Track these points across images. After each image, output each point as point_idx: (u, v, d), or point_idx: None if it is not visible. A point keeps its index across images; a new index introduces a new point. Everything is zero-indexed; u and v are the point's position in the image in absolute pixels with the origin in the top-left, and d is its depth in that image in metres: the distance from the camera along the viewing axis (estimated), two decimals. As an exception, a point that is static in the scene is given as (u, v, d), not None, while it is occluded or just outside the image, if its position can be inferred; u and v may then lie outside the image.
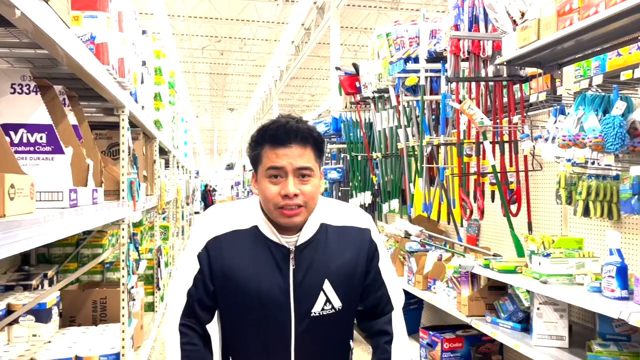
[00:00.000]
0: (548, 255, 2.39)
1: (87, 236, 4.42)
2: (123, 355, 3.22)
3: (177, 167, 8.75)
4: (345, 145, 5.73)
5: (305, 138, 1.32)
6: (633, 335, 2.29)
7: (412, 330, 3.99)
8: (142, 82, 3.88)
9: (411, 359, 1.43)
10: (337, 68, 5.66)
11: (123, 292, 3.23)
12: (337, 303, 1.37)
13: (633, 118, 2.29)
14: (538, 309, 2.47)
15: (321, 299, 1.35)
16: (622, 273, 2.05)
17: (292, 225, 1.34)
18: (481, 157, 3.25)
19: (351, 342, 1.46)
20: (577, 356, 2.32)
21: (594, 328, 2.48)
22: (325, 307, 1.35)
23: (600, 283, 2.15)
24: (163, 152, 6.48)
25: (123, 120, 3.11)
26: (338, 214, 1.43)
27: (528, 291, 2.64)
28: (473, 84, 3.34)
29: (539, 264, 2.40)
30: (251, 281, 1.33)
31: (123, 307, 3.22)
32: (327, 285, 1.35)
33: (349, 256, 1.39)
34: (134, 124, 3.90)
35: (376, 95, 4.71)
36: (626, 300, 2.02)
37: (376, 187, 5.11)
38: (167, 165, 7.76)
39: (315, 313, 1.35)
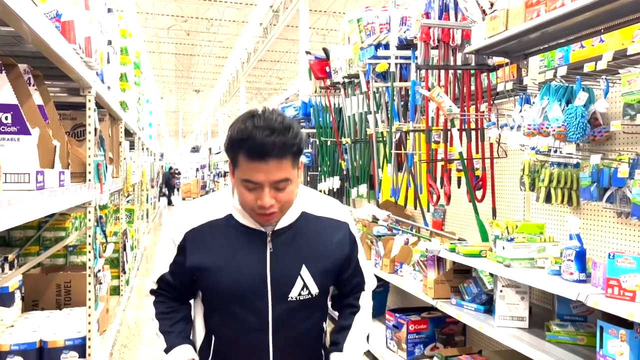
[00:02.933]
0: (511, 239, 2.48)
1: (50, 219, 4.31)
2: (89, 339, 3.19)
3: (143, 149, 8.59)
4: (314, 130, 5.74)
5: (282, 151, 1.25)
6: (589, 316, 2.41)
7: (379, 312, 4.08)
8: (108, 62, 3.79)
9: (369, 333, 1.49)
10: (308, 52, 5.64)
11: (89, 275, 3.19)
12: (314, 289, 1.39)
13: (594, 109, 2.39)
14: (501, 291, 2.56)
15: (298, 284, 1.37)
16: (581, 257, 2.14)
17: (269, 224, 1.37)
18: (449, 144, 3.32)
19: (324, 324, 1.50)
20: (537, 336, 2.42)
21: (553, 309, 2.59)
22: (303, 293, 1.38)
23: (560, 266, 2.24)
24: (128, 134, 6.36)
25: (90, 101, 3.05)
26: (319, 204, 1.45)
27: (491, 274, 2.73)
28: (442, 72, 3.39)
29: (503, 248, 2.48)
30: (229, 269, 1.35)
31: (89, 291, 3.18)
32: (304, 271, 1.37)
33: (327, 245, 1.42)
34: (99, 105, 3.81)
35: (346, 80, 4.72)
36: (584, 282, 2.12)
37: (345, 172, 5.15)
38: (132, 147, 7.61)
39: (292, 298, 1.37)
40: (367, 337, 1.50)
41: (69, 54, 2.35)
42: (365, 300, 1.52)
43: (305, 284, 1.37)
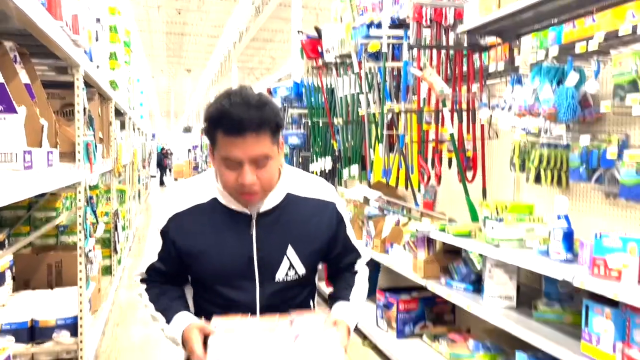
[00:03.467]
0: (501, 220, 2.50)
1: (40, 199, 4.29)
2: (81, 318, 3.19)
3: (133, 129, 8.52)
4: (306, 111, 5.71)
5: (259, 126, 1.24)
6: (576, 294, 2.44)
7: (369, 292, 4.10)
8: (96, 40, 3.73)
9: (366, 291, 1.52)
10: (299, 32, 5.58)
11: (80, 255, 3.18)
12: (301, 270, 1.39)
13: (585, 90, 2.39)
14: (490, 271, 2.59)
15: (285, 265, 1.37)
16: (569, 237, 2.17)
17: (252, 204, 1.36)
18: (440, 124, 3.32)
19: (313, 302, 1.51)
20: (524, 315, 2.46)
21: (541, 289, 2.62)
22: (289, 273, 1.37)
23: (548, 247, 2.27)
24: (119, 113, 6.29)
25: (78, 79, 3.00)
26: (304, 185, 1.43)
27: (481, 255, 2.76)
28: (434, 52, 3.37)
29: (492, 228, 2.50)
30: (215, 252, 1.34)
31: (80, 271, 3.18)
32: (290, 252, 1.37)
33: (313, 226, 1.41)
34: (88, 84, 3.76)
35: (338, 60, 4.69)
36: (571, 262, 2.15)
37: (337, 153, 5.14)
38: (122, 127, 7.55)
39: (279, 279, 1.37)
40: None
41: (56, 31, 2.31)
42: (362, 266, 1.54)
43: (291, 265, 1.37)
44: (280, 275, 1.37)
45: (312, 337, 1.22)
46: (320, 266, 1.51)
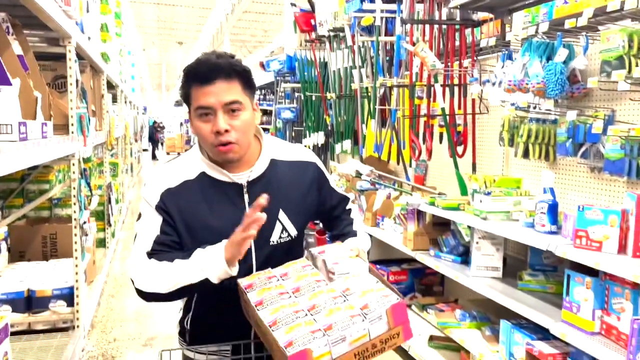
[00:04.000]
0: (489, 193, 2.55)
1: (32, 171, 4.30)
2: (77, 289, 3.25)
3: (125, 102, 8.47)
4: (299, 85, 5.70)
5: (228, 73, 1.33)
6: (559, 266, 2.52)
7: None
8: (87, 11, 3.70)
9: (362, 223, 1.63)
10: (293, 4, 5.54)
11: (75, 227, 3.22)
12: (293, 231, 1.46)
13: (573, 65, 2.42)
14: (477, 243, 2.65)
15: (278, 228, 1.43)
16: (553, 210, 2.23)
17: (230, 161, 1.39)
18: (432, 99, 3.34)
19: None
20: (510, 285, 2.54)
21: (526, 260, 2.70)
22: (282, 236, 1.44)
23: (533, 219, 2.33)
24: (110, 86, 6.26)
25: (70, 51, 3.00)
26: (285, 150, 1.51)
27: (469, 227, 2.82)
28: (427, 27, 3.38)
29: (480, 201, 2.56)
30: (211, 225, 1.38)
31: (76, 242, 3.22)
32: (282, 215, 1.44)
33: (300, 187, 1.49)
34: (80, 56, 3.74)
35: (331, 34, 4.67)
36: (555, 234, 2.21)
37: (329, 128, 5.16)
38: (114, 100, 7.51)
39: (273, 242, 1.44)
40: None
41: (48, 2, 2.30)
42: (356, 214, 1.66)
43: (284, 227, 1.44)
44: (274, 238, 1.43)
45: (344, 266, 1.34)
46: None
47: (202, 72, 1.33)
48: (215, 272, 1.28)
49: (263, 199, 1.25)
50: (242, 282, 1.36)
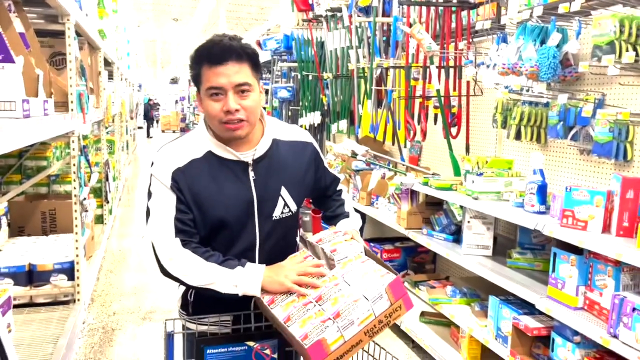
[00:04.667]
0: (481, 174, 2.62)
1: (30, 148, 4.33)
2: (77, 263, 3.32)
3: (121, 79, 8.45)
4: (296, 64, 5.72)
5: (240, 55, 1.39)
6: (547, 244, 2.60)
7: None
8: (85, -12, 3.70)
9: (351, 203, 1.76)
10: (290, -18, 5.52)
11: (75, 203, 3.28)
12: (293, 207, 1.56)
13: (566, 50, 2.47)
14: (468, 222, 2.73)
15: (280, 203, 1.52)
16: (542, 190, 2.30)
17: (237, 138, 1.46)
18: (427, 81, 3.39)
19: (297, 238, 1.69)
20: (499, 263, 2.63)
21: (516, 239, 2.79)
22: (284, 211, 1.53)
23: (523, 199, 2.41)
24: (107, 63, 6.24)
25: (69, 28, 3.02)
26: (285, 131, 1.60)
27: (461, 207, 2.90)
28: (424, 8, 3.40)
29: (472, 182, 2.63)
30: (218, 201, 1.46)
31: (76, 218, 3.28)
32: (284, 192, 1.53)
33: (299, 166, 1.58)
34: (78, 33, 3.75)
35: (329, 14, 4.68)
36: (544, 214, 2.29)
37: (326, 108, 5.20)
38: (110, 77, 7.49)
39: (276, 217, 1.53)
40: None
41: (48, -20, 2.32)
42: (346, 194, 1.76)
43: (285, 203, 1.53)
44: (276, 213, 1.52)
45: (342, 252, 1.45)
46: None
47: (214, 53, 1.38)
48: (247, 291, 1.40)
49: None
50: None
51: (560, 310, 2.03)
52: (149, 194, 1.49)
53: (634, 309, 1.70)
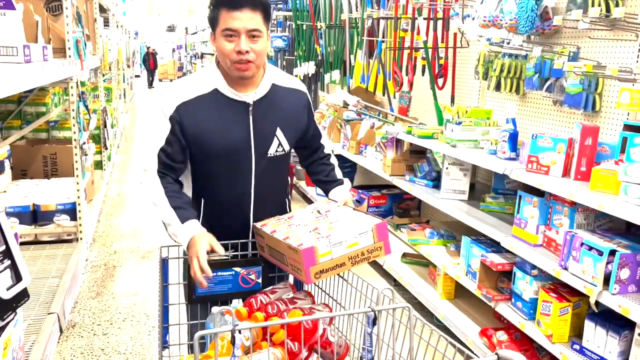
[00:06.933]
0: (459, 123, 2.76)
1: (29, 94, 4.44)
2: (79, 204, 3.50)
3: (117, 26, 8.42)
4: (291, 13, 5.74)
5: (255, 4, 1.54)
6: (519, 190, 2.77)
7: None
8: None
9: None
10: None
11: (75, 147, 3.42)
12: (287, 146, 1.75)
13: (545, 3, 2.56)
14: (447, 168, 2.89)
15: (275, 143, 1.71)
16: (513, 138, 2.45)
17: (245, 78, 1.62)
18: (415, 32, 3.47)
19: (288, 178, 1.89)
20: (474, 207, 2.80)
21: (491, 185, 2.96)
22: (278, 150, 1.72)
23: (497, 147, 2.56)
24: (102, 9, 6.24)
25: (65, -25, 3.07)
26: (284, 78, 1.76)
27: (443, 155, 3.05)
28: (414, -41, 3.45)
29: (452, 130, 2.78)
30: (220, 135, 1.64)
31: (76, 161, 3.44)
32: (279, 132, 1.70)
33: (294, 110, 1.75)
34: (73, -21, 3.79)
35: (323, -38, 4.69)
36: (514, 160, 2.45)
37: (320, 58, 5.27)
38: (106, 24, 7.47)
39: (270, 154, 1.71)
40: None
41: None
42: (334, 158, 1.94)
43: (280, 143, 1.71)
44: (271, 151, 1.70)
45: (337, 215, 1.63)
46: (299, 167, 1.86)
47: (233, 0, 1.54)
48: (179, 242, 1.62)
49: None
50: (257, 224, 1.68)
51: (521, 247, 2.23)
52: (154, 120, 1.67)
53: (582, 244, 1.89)
